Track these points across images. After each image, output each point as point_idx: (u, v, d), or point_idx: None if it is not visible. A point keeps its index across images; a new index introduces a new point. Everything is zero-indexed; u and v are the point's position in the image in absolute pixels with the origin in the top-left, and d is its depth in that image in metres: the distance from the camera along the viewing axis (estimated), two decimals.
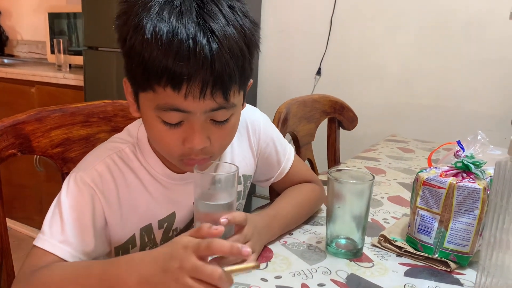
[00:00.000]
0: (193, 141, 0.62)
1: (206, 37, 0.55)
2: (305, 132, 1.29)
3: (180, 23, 0.55)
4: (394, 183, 1.12)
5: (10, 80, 2.34)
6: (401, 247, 0.73)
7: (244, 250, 0.51)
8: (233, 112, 0.64)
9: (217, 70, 0.56)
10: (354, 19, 2.02)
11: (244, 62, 0.60)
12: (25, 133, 0.77)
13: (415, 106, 1.93)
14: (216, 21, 0.57)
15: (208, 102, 0.59)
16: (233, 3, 0.61)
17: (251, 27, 0.62)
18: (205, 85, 0.57)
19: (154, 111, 0.61)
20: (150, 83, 0.59)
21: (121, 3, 0.62)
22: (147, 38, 0.56)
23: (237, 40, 0.58)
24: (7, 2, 3.28)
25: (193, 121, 0.61)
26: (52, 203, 0.68)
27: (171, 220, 0.77)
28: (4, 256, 0.76)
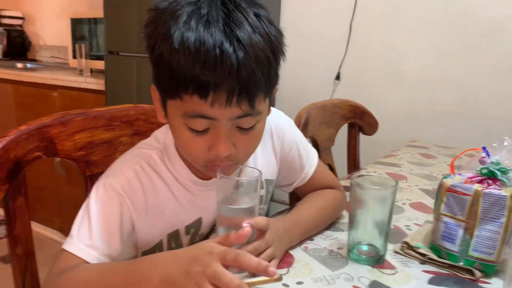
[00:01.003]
0: (219, 148, 0.62)
1: (232, 45, 0.56)
2: (325, 137, 1.28)
3: (207, 32, 0.55)
4: (415, 189, 1.11)
5: (33, 84, 2.38)
6: (425, 254, 0.72)
7: (271, 270, 0.52)
8: (258, 119, 0.64)
9: (243, 78, 0.57)
10: (374, 23, 2.01)
11: (270, 70, 0.60)
12: (49, 136, 0.78)
13: (436, 112, 1.90)
14: (242, 29, 0.57)
15: (234, 110, 0.59)
16: (259, 11, 0.61)
17: (277, 34, 0.62)
18: (231, 93, 0.57)
19: (181, 118, 0.62)
20: (177, 91, 0.59)
21: (150, 11, 0.63)
22: (175, 47, 0.56)
23: (263, 48, 0.58)
24: (31, 8, 3.36)
25: (219, 128, 0.61)
26: (81, 208, 0.69)
27: (198, 225, 0.77)
28: (28, 258, 0.77)
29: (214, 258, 0.52)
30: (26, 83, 2.42)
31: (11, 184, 0.72)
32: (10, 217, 0.74)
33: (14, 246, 0.75)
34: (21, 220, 0.76)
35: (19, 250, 0.76)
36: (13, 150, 0.71)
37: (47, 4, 3.25)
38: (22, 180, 0.75)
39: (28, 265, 0.77)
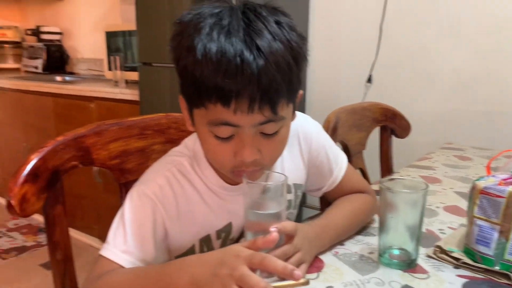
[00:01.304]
0: (244, 154, 0.63)
1: (252, 54, 0.57)
2: (355, 141, 1.27)
3: (228, 42, 0.57)
4: (450, 192, 1.08)
5: (71, 97, 2.47)
6: (459, 258, 0.70)
7: (296, 273, 0.52)
8: (282, 124, 0.65)
9: (264, 85, 0.58)
10: (405, 24, 1.98)
11: (291, 76, 0.61)
12: (85, 146, 0.81)
13: (472, 113, 1.85)
14: (262, 37, 0.58)
15: (257, 116, 0.61)
16: (280, 18, 0.62)
17: (298, 40, 0.62)
18: (252, 100, 0.58)
19: (206, 126, 0.64)
20: (202, 100, 0.61)
21: (175, 24, 0.65)
22: (198, 58, 0.58)
23: (283, 55, 0.59)
24: (68, 23, 3.49)
25: (243, 135, 0.63)
26: (116, 215, 0.72)
27: (228, 230, 0.79)
28: (67, 263, 0.81)
29: (241, 261, 0.53)
30: (65, 96, 2.52)
31: (50, 193, 0.75)
32: (49, 224, 0.78)
33: (53, 251, 0.79)
34: (59, 227, 0.79)
35: (59, 256, 0.79)
36: (51, 160, 0.75)
37: (83, 19, 3.38)
38: (60, 189, 0.78)
39: (67, 270, 0.80)
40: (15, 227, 2.87)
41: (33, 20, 3.75)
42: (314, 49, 2.26)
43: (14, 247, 2.58)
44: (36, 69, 3.38)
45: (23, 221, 2.93)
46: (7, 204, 0.69)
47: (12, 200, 0.69)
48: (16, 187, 0.69)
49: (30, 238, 2.71)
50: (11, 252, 2.52)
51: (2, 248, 2.57)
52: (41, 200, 0.74)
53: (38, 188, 0.73)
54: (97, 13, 3.23)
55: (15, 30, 3.70)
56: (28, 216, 0.72)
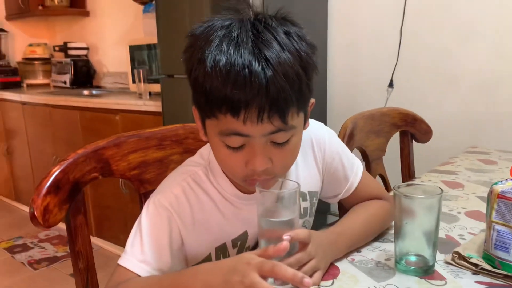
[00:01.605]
0: (255, 163, 0.64)
1: (260, 65, 0.58)
2: (374, 147, 1.26)
3: (237, 53, 0.58)
4: (472, 197, 1.06)
5: (97, 110, 2.54)
6: (477, 264, 0.69)
7: (306, 281, 0.53)
8: (293, 133, 0.66)
9: (273, 95, 0.59)
10: (425, 28, 1.95)
11: (301, 85, 0.62)
12: (105, 158, 0.84)
13: (496, 115, 1.81)
14: (271, 48, 0.59)
15: (266, 126, 0.61)
16: (289, 28, 0.63)
17: (308, 50, 0.63)
18: (261, 110, 0.59)
19: (218, 136, 0.65)
20: (212, 111, 0.63)
21: (188, 37, 0.67)
22: (208, 70, 0.60)
23: (292, 65, 0.60)
24: (94, 39, 3.60)
25: (254, 144, 0.64)
26: (134, 225, 0.74)
27: (244, 238, 0.79)
28: (89, 271, 0.83)
29: (252, 269, 0.54)
30: (91, 109, 2.59)
31: (71, 204, 0.78)
32: (72, 234, 0.80)
33: (76, 261, 0.81)
34: (81, 237, 0.81)
35: (81, 265, 0.81)
36: (72, 172, 0.78)
37: (108, 34, 3.47)
38: (81, 200, 0.81)
39: (89, 279, 0.83)
40: (46, 238, 2.95)
41: (60, 36, 3.88)
42: (334, 55, 2.26)
43: (45, 258, 2.66)
44: (64, 84, 3.49)
45: (54, 232, 3.02)
46: (31, 215, 0.72)
47: (35, 211, 0.72)
48: (39, 198, 0.72)
49: (61, 248, 2.79)
50: (42, 262, 2.60)
51: (34, 258, 2.65)
52: (63, 211, 0.77)
53: (60, 199, 0.76)
54: (121, 28, 3.32)
55: (44, 47, 3.84)
56: (51, 227, 0.75)
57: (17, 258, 2.67)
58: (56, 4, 3.52)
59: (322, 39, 2.23)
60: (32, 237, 2.97)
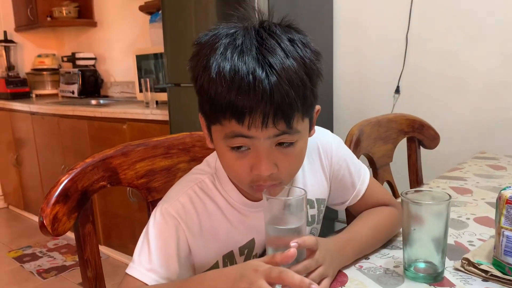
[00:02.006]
0: (260, 168, 0.64)
1: (264, 71, 0.59)
2: (381, 153, 1.26)
3: (241, 60, 0.59)
4: (482, 203, 1.05)
5: (105, 119, 2.56)
6: (487, 271, 0.68)
7: (314, 287, 0.53)
8: (298, 138, 0.66)
9: (277, 101, 0.59)
10: (431, 33, 1.95)
11: (305, 91, 0.62)
12: (113, 167, 0.85)
13: (505, 120, 1.80)
14: (275, 55, 0.60)
15: (271, 130, 0.62)
16: (293, 35, 0.64)
17: (312, 56, 0.64)
18: (266, 116, 0.60)
19: (223, 141, 0.66)
20: (217, 117, 0.63)
21: (194, 45, 0.68)
22: (213, 77, 0.61)
23: (296, 71, 0.60)
24: (101, 49, 3.64)
25: (259, 148, 0.64)
26: (141, 233, 0.74)
27: (251, 246, 0.79)
28: (98, 280, 0.83)
29: (260, 275, 0.54)
30: (98, 118, 2.61)
31: (80, 212, 0.78)
32: (80, 243, 0.81)
33: (85, 269, 0.81)
34: (90, 245, 0.82)
35: (90, 273, 0.82)
36: (80, 181, 0.78)
37: (115, 44, 3.51)
38: (90, 208, 0.81)
39: (98, 287, 0.83)
40: (54, 247, 2.96)
41: (69, 47, 3.93)
42: (340, 62, 2.26)
43: (54, 267, 2.67)
44: (72, 94, 3.52)
45: (63, 241, 3.03)
46: (40, 224, 0.73)
47: (44, 220, 0.72)
48: (47, 207, 0.73)
49: (70, 257, 2.80)
50: (51, 271, 2.61)
51: (43, 267, 2.66)
52: (72, 220, 0.77)
53: (69, 208, 0.76)
54: (128, 38, 3.35)
55: (52, 58, 3.89)
56: (60, 235, 0.76)
57: (26, 267, 2.68)
58: (64, 15, 3.57)
59: (327, 46, 2.23)
60: (41, 246, 2.98)
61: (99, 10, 3.60)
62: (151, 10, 2.88)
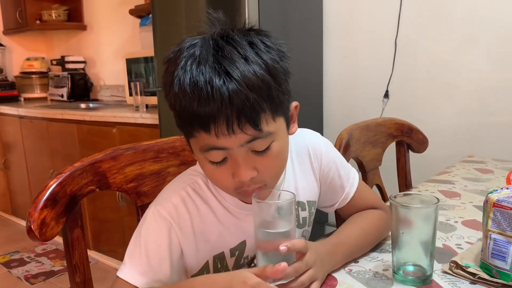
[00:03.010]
0: (240, 174, 0.65)
1: (221, 79, 0.59)
2: (370, 157, 1.27)
3: (199, 71, 0.60)
4: (469, 206, 1.06)
5: (94, 123, 2.55)
6: (475, 273, 0.69)
7: None
8: (272, 139, 0.66)
9: (237, 106, 0.60)
10: (420, 39, 1.97)
11: (270, 91, 0.62)
12: (102, 171, 0.84)
13: (493, 124, 1.82)
14: (232, 61, 0.60)
15: (240, 136, 0.62)
16: (253, 39, 0.64)
17: (275, 56, 0.64)
18: (229, 122, 0.60)
19: (200, 153, 0.67)
20: (188, 130, 0.65)
21: (163, 63, 0.69)
22: (176, 91, 0.62)
23: (256, 73, 0.61)
24: (91, 52, 3.62)
25: (235, 156, 0.64)
26: (133, 235, 0.74)
27: (242, 248, 0.79)
28: (86, 285, 0.82)
29: None
30: (88, 122, 2.59)
31: (68, 217, 0.78)
32: (69, 247, 0.80)
33: (73, 274, 0.81)
34: (78, 250, 0.81)
35: (78, 278, 0.81)
36: (69, 185, 0.78)
37: (105, 47, 3.49)
38: (78, 213, 0.81)
39: None
40: (43, 252, 2.93)
41: (58, 50, 3.90)
42: (330, 66, 2.27)
43: (42, 272, 2.64)
44: (61, 98, 3.49)
45: (52, 246, 3.00)
46: (28, 228, 0.72)
47: (32, 225, 0.72)
48: (35, 212, 0.72)
49: (58, 262, 2.77)
50: (39, 277, 2.58)
51: (31, 273, 2.63)
52: (60, 224, 0.76)
53: (57, 212, 0.75)
54: (118, 41, 3.34)
55: (41, 61, 3.86)
56: (48, 240, 0.75)
57: (14, 272, 2.65)
58: (53, 19, 3.54)
59: (317, 50, 2.25)
60: (29, 251, 2.95)
61: (89, 13, 3.59)
62: (141, 14, 2.87)
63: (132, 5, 2.88)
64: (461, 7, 1.84)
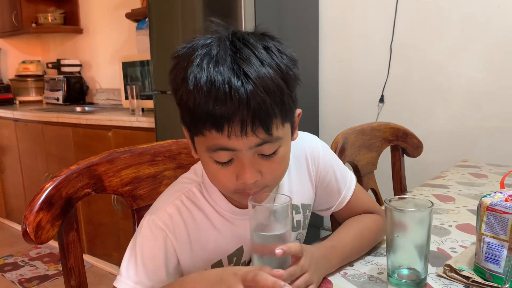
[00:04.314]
0: (244, 176, 0.65)
1: (240, 80, 0.59)
2: (366, 161, 1.28)
3: (217, 70, 0.60)
4: (464, 210, 1.07)
5: (90, 126, 2.54)
6: (469, 277, 0.69)
7: None
8: (279, 144, 0.66)
9: (254, 108, 0.60)
10: (415, 44, 1.99)
11: (282, 97, 0.63)
12: (98, 174, 0.84)
13: (487, 129, 1.83)
14: (250, 63, 0.61)
15: (251, 139, 0.62)
16: (268, 43, 0.65)
17: (288, 62, 0.65)
18: (244, 124, 0.61)
19: (206, 153, 0.66)
20: (198, 128, 0.64)
21: (172, 58, 0.68)
22: (190, 88, 0.61)
23: (272, 78, 0.61)
24: (87, 55, 3.62)
25: (242, 158, 0.64)
26: (129, 245, 0.74)
27: (240, 254, 0.80)
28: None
29: (238, 280, 0.56)
30: (83, 125, 2.59)
31: (64, 220, 0.78)
32: (64, 251, 0.80)
33: (68, 277, 0.81)
34: (74, 253, 0.81)
35: (73, 282, 0.81)
36: (64, 188, 0.78)
37: (101, 51, 3.49)
38: (74, 216, 0.80)
39: None
40: (37, 256, 2.91)
41: (54, 53, 3.90)
42: (325, 71, 2.28)
43: (36, 276, 2.62)
44: (57, 101, 3.49)
45: (46, 250, 2.98)
46: (23, 231, 0.72)
47: (27, 228, 0.72)
48: (31, 215, 0.72)
49: (52, 266, 2.75)
50: (33, 281, 2.56)
51: (25, 277, 2.61)
52: (56, 227, 0.76)
53: (53, 215, 0.75)
54: (115, 45, 3.34)
55: (37, 64, 3.85)
56: (43, 243, 0.75)
57: (7, 276, 2.63)
58: (49, 22, 3.54)
59: (313, 55, 2.26)
60: (23, 255, 2.93)
61: (85, 16, 3.59)
62: (137, 18, 2.87)
63: (129, 9, 2.88)
64: (456, 13, 1.86)
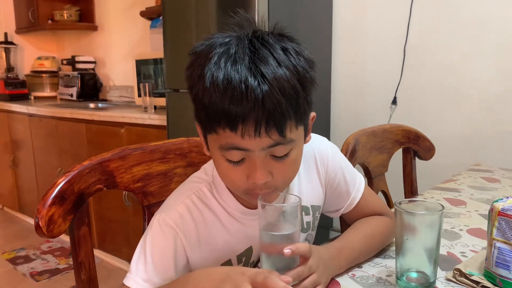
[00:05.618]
0: (255, 177, 0.65)
1: (257, 80, 0.59)
2: (376, 163, 1.27)
3: (234, 69, 0.60)
4: (475, 214, 1.06)
5: (103, 123, 2.57)
6: (478, 282, 0.69)
7: None
8: (292, 146, 0.66)
9: (269, 109, 0.60)
10: (429, 46, 1.97)
11: (298, 99, 0.63)
12: (110, 170, 0.85)
13: (500, 133, 1.81)
14: (267, 64, 0.61)
15: (264, 140, 0.62)
16: (286, 44, 0.64)
17: (305, 65, 0.65)
18: (258, 124, 0.61)
19: (218, 151, 0.66)
20: (212, 126, 0.64)
21: (190, 54, 0.69)
22: (207, 86, 0.61)
23: (289, 80, 0.61)
24: (101, 53, 3.65)
25: (254, 158, 0.65)
26: (139, 243, 0.74)
27: (249, 254, 0.80)
28: (91, 283, 0.83)
29: (246, 279, 0.56)
30: (96, 122, 2.61)
31: (76, 215, 0.79)
32: (75, 245, 0.81)
33: (78, 272, 0.82)
34: (84, 248, 0.82)
35: (83, 276, 0.82)
36: (77, 184, 0.79)
37: (115, 48, 3.52)
38: (86, 211, 0.82)
39: None
40: (48, 250, 2.95)
41: (69, 50, 3.94)
42: (338, 72, 2.28)
43: (47, 269, 2.66)
44: (71, 97, 3.53)
45: (57, 244, 3.02)
46: (35, 225, 0.73)
47: (40, 221, 0.73)
48: (43, 209, 0.73)
49: (63, 260, 2.79)
50: (44, 274, 2.60)
51: (36, 270, 2.65)
52: (67, 222, 0.77)
53: (65, 210, 0.76)
54: (129, 43, 3.36)
55: (52, 60, 3.90)
56: (55, 237, 0.76)
57: (19, 269, 2.67)
58: (65, 19, 3.58)
59: (326, 56, 2.25)
60: (35, 248, 2.97)
61: (100, 14, 3.62)
62: (152, 16, 2.89)
63: (143, 7, 2.90)
64: (470, 16, 1.84)
